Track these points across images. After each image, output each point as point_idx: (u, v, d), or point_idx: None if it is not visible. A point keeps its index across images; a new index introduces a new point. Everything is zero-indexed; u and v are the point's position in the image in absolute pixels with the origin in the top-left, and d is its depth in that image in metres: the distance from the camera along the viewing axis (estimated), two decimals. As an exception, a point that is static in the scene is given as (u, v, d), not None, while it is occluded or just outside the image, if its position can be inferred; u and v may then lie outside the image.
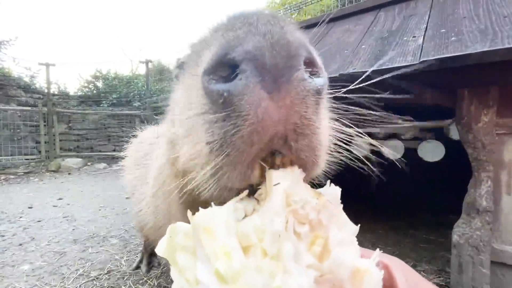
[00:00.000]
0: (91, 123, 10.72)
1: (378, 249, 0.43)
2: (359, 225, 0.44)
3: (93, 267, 2.56)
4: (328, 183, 0.46)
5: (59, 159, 9.12)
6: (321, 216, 0.40)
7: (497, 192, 1.78)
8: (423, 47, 1.83)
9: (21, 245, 3.09)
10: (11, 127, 8.79)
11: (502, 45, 1.46)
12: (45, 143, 9.19)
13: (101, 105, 11.16)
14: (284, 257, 0.36)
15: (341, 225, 0.42)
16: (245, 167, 0.42)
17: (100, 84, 12.49)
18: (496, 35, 1.59)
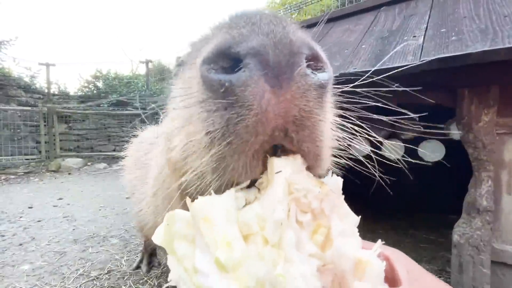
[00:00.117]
0: (91, 123, 10.73)
1: (379, 240, 0.42)
2: (360, 216, 0.43)
3: (93, 267, 2.56)
4: (330, 173, 0.46)
5: (59, 159, 9.12)
6: (323, 205, 0.40)
7: (497, 191, 1.77)
8: (423, 46, 1.83)
9: (21, 245, 3.09)
10: (11, 127, 8.79)
11: (502, 45, 1.45)
12: (45, 143, 9.19)
13: (101, 105, 11.16)
14: (286, 246, 0.36)
15: (342, 215, 0.42)
16: (249, 157, 0.42)
17: (100, 84, 12.49)
18: (496, 35, 1.59)
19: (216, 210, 0.38)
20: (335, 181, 0.44)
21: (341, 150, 0.55)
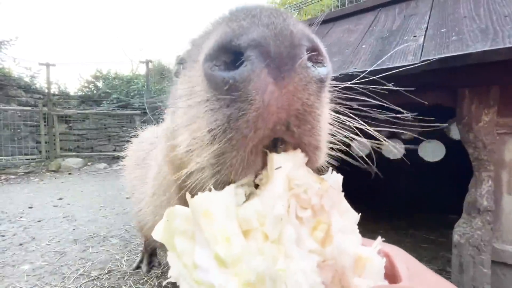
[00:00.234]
0: (92, 123, 10.73)
1: (379, 237, 0.42)
2: (360, 214, 0.43)
3: (93, 267, 2.56)
4: (330, 170, 0.46)
5: (59, 159, 9.12)
6: (323, 201, 0.40)
7: (498, 191, 1.77)
8: (423, 46, 1.83)
9: (21, 245, 3.09)
10: (12, 127, 8.80)
11: (503, 45, 1.45)
12: (46, 143, 9.19)
13: (102, 105, 11.16)
14: (285, 241, 0.35)
15: (342, 212, 0.42)
16: (248, 153, 0.42)
17: (100, 84, 12.49)
18: (497, 35, 1.59)
19: (215, 205, 0.38)
20: (335, 178, 0.44)
21: (338, 146, 0.55)
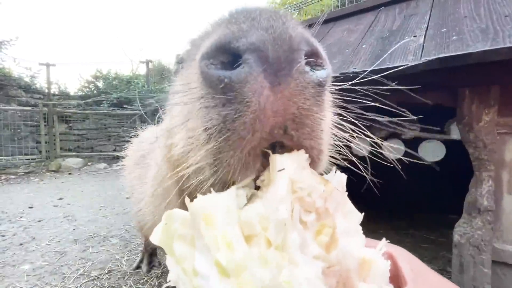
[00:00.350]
0: (92, 123, 10.73)
1: (384, 239, 0.42)
2: (363, 213, 0.42)
3: (93, 266, 2.56)
4: (333, 169, 0.45)
5: (59, 159, 9.12)
6: (328, 204, 0.38)
7: (498, 191, 1.77)
8: (424, 46, 1.83)
9: (21, 244, 3.09)
10: (12, 127, 8.80)
11: (503, 44, 1.45)
12: (46, 143, 9.19)
13: (102, 105, 11.16)
14: (289, 247, 0.34)
15: (346, 213, 0.41)
16: (245, 154, 0.41)
17: (100, 84, 12.49)
18: (497, 34, 1.58)
19: (216, 209, 0.37)
20: (339, 178, 0.43)
21: (339, 148, 0.54)
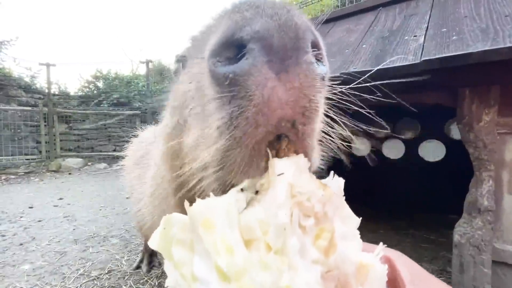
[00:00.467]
0: (92, 123, 10.73)
1: (381, 243, 0.41)
2: (361, 218, 0.42)
3: (93, 266, 2.56)
4: (331, 174, 0.44)
5: (59, 159, 9.12)
6: (326, 208, 0.38)
7: (498, 191, 1.77)
8: (424, 46, 1.82)
9: (21, 244, 3.09)
10: (12, 127, 8.80)
11: (503, 44, 1.45)
12: (46, 143, 9.20)
13: (102, 105, 11.17)
14: (289, 252, 0.34)
15: (344, 218, 0.41)
16: (250, 150, 0.40)
17: (100, 84, 12.49)
18: (497, 34, 1.58)
19: (216, 213, 0.37)
20: (337, 182, 0.43)
21: (332, 144, 0.54)
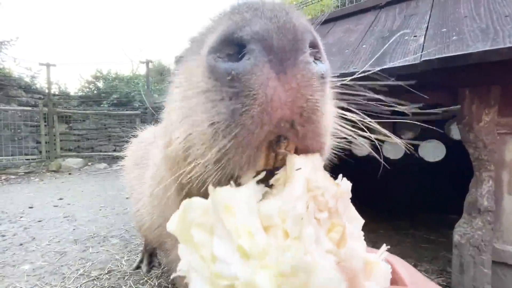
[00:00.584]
0: (92, 123, 10.73)
1: (384, 245, 0.43)
2: (365, 214, 0.44)
3: (93, 267, 2.56)
4: (340, 177, 0.45)
5: (59, 159, 9.12)
6: (338, 205, 0.40)
7: (498, 191, 1.77)
8: (424, 46, 1.82)
9: (21, 245, 3.09)
10: (12, 127, 8.80)
11: (503, 44, 1.45)
12: (46, 143, 9.19)
13: (102, 105, 11.17)
14: (306, 240, 0.36)
15: (350, 218, 0.43)
16: (253, 149, 0.41)
17: (100, 84, 12.50)
18: (497, 34, 1.58)
19: (237, 201, 0.38)
20: (345, 185, 0.45)
21: (340, 144, 0.54)
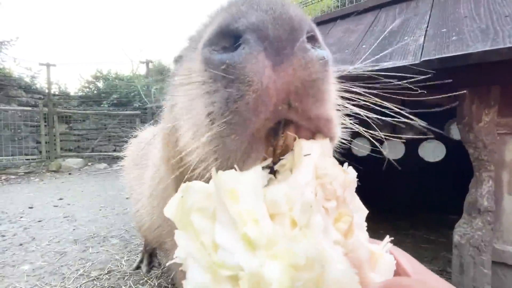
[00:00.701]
0: (92, 123, 10.73)
1: (387, 236, 0.42)
2: (368, 211, 0.43)
3: (93, 267, 2.56)
4: (345, 165, 0.44)
5: (59, 159, 9.13)
6: (346, 194, 0.39)
7: (498, 192, 1.77)
8: (424, 46, 1.82)
9: (21, 245, 3.09)
10: (12, 127, 8.80)
11: (503, 45, 1.45)
12: (46, 143, 9.20)
13: (102, 105, 11.17)
14: (314, 229, 0.34)
15: (355, 208, 0.42)
16: (249, 136, 0.40)
17: (100, 84, 12.50)
18: (497, 35, 1.58)
19: (241, 185, 0.36)
20: (352, 172, 0.43)
21: (341, 147, 0.54)
